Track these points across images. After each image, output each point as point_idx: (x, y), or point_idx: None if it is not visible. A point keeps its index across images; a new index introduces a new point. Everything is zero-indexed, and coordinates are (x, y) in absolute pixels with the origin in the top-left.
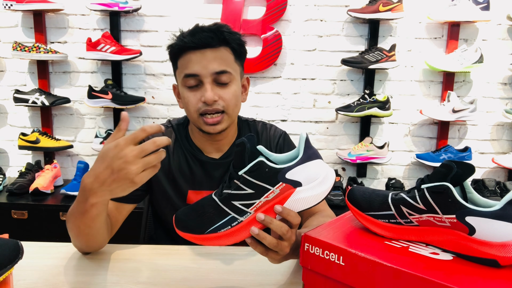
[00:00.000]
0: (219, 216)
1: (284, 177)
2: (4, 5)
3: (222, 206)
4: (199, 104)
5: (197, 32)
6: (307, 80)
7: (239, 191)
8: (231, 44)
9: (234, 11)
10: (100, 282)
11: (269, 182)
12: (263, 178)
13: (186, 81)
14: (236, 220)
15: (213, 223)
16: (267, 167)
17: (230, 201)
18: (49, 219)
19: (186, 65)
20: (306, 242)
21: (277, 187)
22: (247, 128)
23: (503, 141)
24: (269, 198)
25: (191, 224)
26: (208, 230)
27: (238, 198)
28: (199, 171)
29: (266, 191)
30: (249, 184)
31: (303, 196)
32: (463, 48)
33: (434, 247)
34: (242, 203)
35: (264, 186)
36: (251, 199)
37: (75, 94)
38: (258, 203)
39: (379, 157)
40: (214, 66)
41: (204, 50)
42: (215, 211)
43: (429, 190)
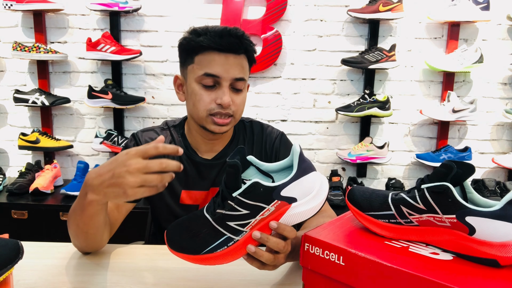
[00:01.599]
0: (215, 237)
1: (279, 194)
2: (4, 5)
3: (217, 226)
4: (212, 105)
5: (225, 35)
6: (307, 80)
7: (234, 212)
8: (249, 53)
9: (234, 11)
10: (100, 282)
11: (264, 201)
12: (258, 198)
13: (203, 78)
14: (232, 240)
15: (209, 244)
16: (262, 187)
17: (224, 221)
18: (49, 219)
19: (208, 64)
20: (306, 242)
21: (272, 205)
22: (243, 129)
23: (503, 141)
24: (264, 216)
25: (185, 245)
26: (204, 251)
27: (233, 219)
28: (192, 171)
29: (262, 209)
30: (243, 205)
31: (298, 211)
32: (463, 48)
33: (434, 247)
34: (238, 223)
35: (259, 206)
36: (247, 219)
37: (75, 94)
38: (254, 222)
39: (379, 157)
40: (235, 72)
41: (228, 54)
42: (210, 232)
43: (429, 190)
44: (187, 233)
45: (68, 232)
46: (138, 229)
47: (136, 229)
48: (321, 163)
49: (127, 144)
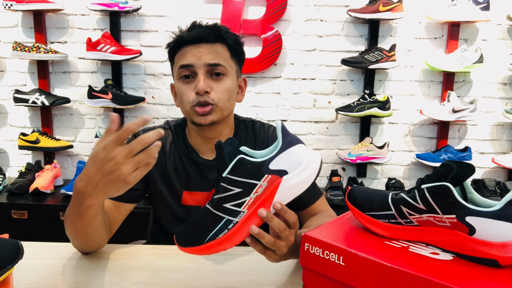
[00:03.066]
0: (214, 222)
1: (268, 168)
2: (4, 5)
3: (215, 211)
4: (193, 96)
5: (194, 28)
6: (307, 80)
7: (228, 192)
8: (227, 41)
9: (234, 11)
10: (100, 282)
11: (254, 177)
12: (248, 174)
13: (180, 72)
14: (232, 222)
15: (210, 231)
16: (249, 163)
17: (221, 204)
18: (49, 219)
19: (181, 57)
20: (306, 242)
21: (263, 180)
22: (245, 129)
23: (503, 141)
24: (258, 193)
25: (189, 238)
26: (207, 239)
27: (228, 200)
28: (193, 172)
29: (254, 186)
30: (235, 183)
31: (291, 183)
32: (463, 48)
33: (434, 247)
34: (233, 203)
35: (250, 182)
36: (241, 198)
37: (75, 94)
38: (249, 200)
39: (379, 157)
40: (208, 58)
41: (200, 44)
42: (210, 219)
43: (429, 190)
44: (191, 227)
45: (66, 234)
46: (140, 228)
47: (138, 228)
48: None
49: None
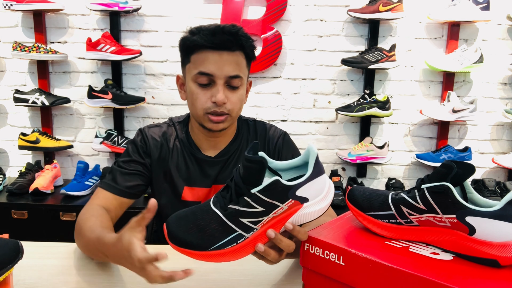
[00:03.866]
0: (225, 233)
1: (294, 194)
2: (4, 5)
3: (228, 222)
4: (208, 103)
5: (217, 33)
6: (307, 80)
7: (249, 208)
8: (246, 49)
9: (234, 11)
10: (100, 282)
11: (280, 200)
12: (275, 196)
13: (198, 77)
14: (243, 237)
15: (218, 240)
16: (281, 186)
17: (238, 218)
18: (49, 219)
19: (202, 62)
20: (306, 242)
21: (286, 204)
22: (247, 128)
23: (503, 141)
24: (277, 214)
25: (191, 240)
26: (212, 247)
27: (247, 215)
28: (195, 168)
29: (276, 207)
30: (260, 202)
31: (308, 211)
32: (463, 48)
33: (434, 247)
34: (251, 220)
35: (274, 204)
36: (260, 216)
37: (75, 94)
38: (266, 219)
39: (379, 157)
40: (229, 70)
41: (222, 52)
42: (220, 228)
43: (429, 190)
44: (193, 228)
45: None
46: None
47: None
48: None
49: (134, 139)
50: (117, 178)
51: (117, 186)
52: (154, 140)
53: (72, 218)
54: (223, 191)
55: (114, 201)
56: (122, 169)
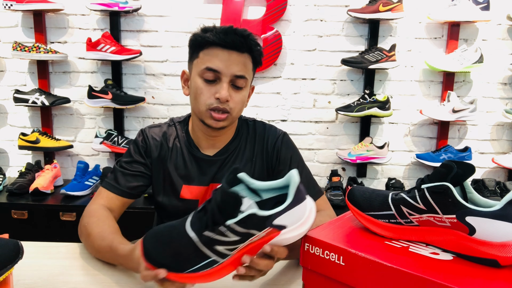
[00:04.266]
0: (199, 259)
1: (271, 223)
2: (4, 5)
3: (203, 249)
4: (212, 99)
5: (230, 33)
6: (307, 80)
7: (224, 237)
8: (254, 53)
9: (234, 11)
10: (100, 282)
11: (257, 228)
12: (251, 227)
13: (205, 72)
14: (217, 263)
15: (192, 265)
16: (257, 218)
17: (212, 245)
18: (49, 219)
19: (210, 59)
20: (306, 242)
21: (263, 232)
22: (246, 128)
23: (503, 141)
24: (253, 241)
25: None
26: (188, 270)
27: (222, 244)
28: (193, 166)
29: (252, 235)
30: (236, 232)
31: (286, 237)
32: (463, 48)
33: (434, 247)
34: (226, 248)
35: (251, 233)
36: (236, 244)
37: (75, 94)
38: (242, 246)
39: (379, 157)
40: (236, 69)
41: (231, 51)
42: (194, 253)
43: (429, 190)
44: (168, 251)
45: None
46: (144, 227)
47: (143, 227)
48: (321, 163)
49: (136, 139)
50: (119, 179)
51: (119, 187)
52: (154, 140)
53: (72, 218)
54: (200, 212)
55: (117, 201)
56: (124, 169)
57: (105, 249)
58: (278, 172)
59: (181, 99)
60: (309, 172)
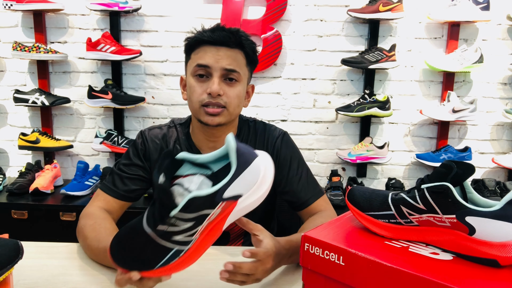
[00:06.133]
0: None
1: (221, 197)
2: (4, 5)
3: (163, 243)
4: (204, 95)
5: (217, 30)
6: (307, 80)
7: (177, 227)
8: (246, 48)
9: (234, 11)
10: (100, 282)
11: (207, 207)
12: (200, 208)
13: (196, 70)
14: (183, 251)
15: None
16: (201, 198)
17: (170, 237)
18: (49, 219)
19: (200, 56)
20: (306, 242)
21: (217, 208)
22: (247, 129)
23: (503, 141)
24: (211, 219)
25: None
26: (157, 266)
27: (178, 233)
28: None
29: (207, 216)
30: (186, 219)
31: (245, 205)
32: (463, 48)
33: (434, 247)
34: (185, 235)
35: (203, 214)
36: (193, 229)
37: (75, 94)
38: (201, 228)
39: (379, 157)
40: (226, 63)
41: (220, 47)
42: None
43: (429, 190)
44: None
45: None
46: None
47: None
48: (321, 163)
49: (135, 141)
50: (117, 182)
51: (117, 190)
52: (154, 143)
53: (72, 218)
54: (152, 206)
55: (115, 204)
56: (122, 172)
57: (101, 251)
58: (279, 172)
59: (181, 99)
60: (310, 171)
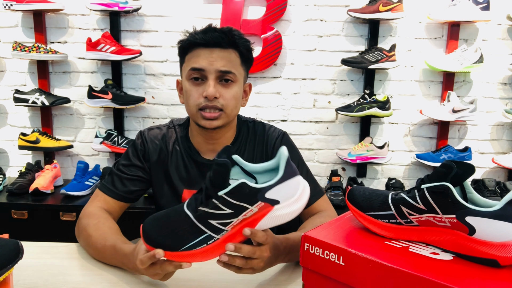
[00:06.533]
0: (195, 234)
1: (263, 196)
2: (4, 5)
3: (198, 224)
4: (200, 99)
5: (209, 31)
6: (307, 80)
7: (217, 210)
8: (240, 47)
9: (234, 11)
10: (100, 282)
11: (248, 202)
12: (243, 199)
13: (191, 74)
14: (212, 239)
15: (188, 241)
16: (248, 188)
17: (207, 219)
18: (49, 219)
19: (194, 59)
20: (306, 242)
21: (255, 206)
22: (246, 130)
23: (503, 141)
24: (247, 216)
25: (163, 241)
26: (183, 248)
27: (215, 217)
28: (194, 171)
29: (245, 209)
30: (228, 204)
31: (279, 214)
32: (463, 48)
33: (434, 247)
34: (220, 222)
35: (243, 206)
36: (229, 218)
37: (75, 94)
38: (236, 221)
39: (379, 157)
40: (220, 64)
41: (213, 48)
42: (190, 229)
43: (429, 190)
44: (166, 230)
45: (79, 241)
46: None
47: None
48: (321, 163)
49: (135, 142)
50: (116, 183)
51: (116, 191)
52: (153, 143)
53: (72, 218)
54: (197, 194)
55: (114, 204)
56: (121, 173)
57: (108, 249)
58: None
59: None
60: (310, 172)
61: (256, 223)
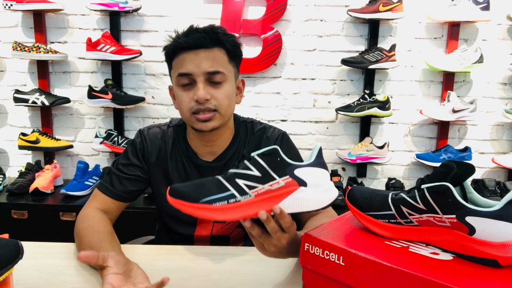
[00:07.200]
0: (218, 190)
1: (292, 172)
2: (4, 5)
3: (225, 182)
4: (192, 103)
5: (191, 33)
6: (307, 80)
7: (246, 170)
8: (225, 45)
9: (234, 11)
10: (100, 282)
11: (277, 172)
12: (273, 166)
13: (179, 80)
14: (234, 198)
15: (210, 194)
16: (280, 157)
17: (234, 178)
18: (49, 219)
19: (180, 64)
20: (306, 242)
21: (283, 179)
22: (245, 130)
23: (503, 141)
24: (272, 187)
25: (186, 191)
26: (203, 200)
27: (243, 177)
28: (193, 173)
29: (272, 179)
30: (258, 166)
31: (304, 197)
32: (463, 48)
33: (434, 247)
34: (246, 183)
35: (271, 174)
36: (256, 182)
37: (75, 94)
38: (261, 189)
39: (379, 157)
40: (207, 66)
41: (198, 50)
42: (215, 186)
43: (429, 190)
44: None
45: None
46: (149, 225)
47: (143, 227)
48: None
49: (134, 140)
50: (115, 182)
51: (114, 191)
52: (153, 142)
53: (72, 218)
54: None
55: (112, 204)
56: (120, 173)
57: None
58: None
59: None
60: None
61: (280, 200)
